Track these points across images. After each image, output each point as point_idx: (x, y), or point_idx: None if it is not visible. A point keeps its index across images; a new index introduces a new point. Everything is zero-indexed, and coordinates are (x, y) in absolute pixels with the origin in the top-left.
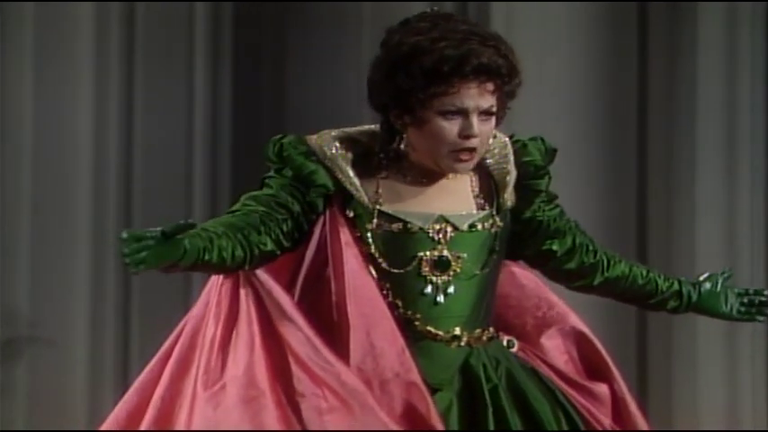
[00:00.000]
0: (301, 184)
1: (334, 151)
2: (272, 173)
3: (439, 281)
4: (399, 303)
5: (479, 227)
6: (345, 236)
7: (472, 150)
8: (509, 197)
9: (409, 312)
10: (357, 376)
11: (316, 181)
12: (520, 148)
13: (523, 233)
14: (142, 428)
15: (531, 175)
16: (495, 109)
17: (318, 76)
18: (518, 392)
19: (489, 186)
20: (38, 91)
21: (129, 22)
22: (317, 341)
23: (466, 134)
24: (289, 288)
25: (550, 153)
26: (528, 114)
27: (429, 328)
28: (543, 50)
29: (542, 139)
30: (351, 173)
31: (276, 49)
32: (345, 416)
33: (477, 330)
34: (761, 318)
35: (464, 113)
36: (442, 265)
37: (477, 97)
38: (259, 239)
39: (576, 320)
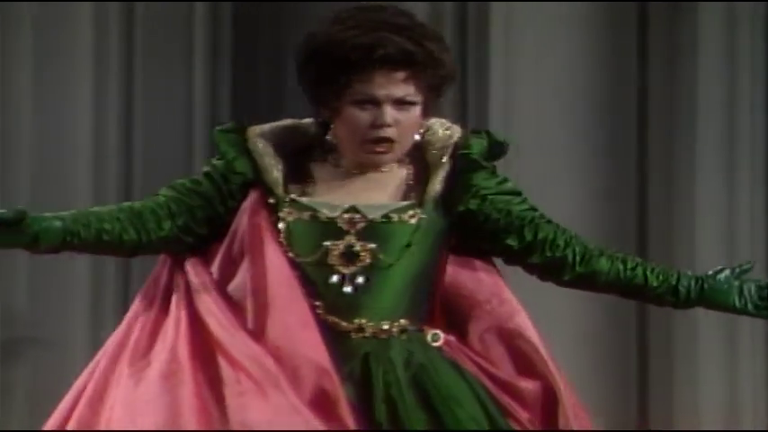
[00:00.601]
0: (225, 170)
1: (262, 140)
2: (212, 159)
3: (347, 271)
4: (305, 292)
5: (395, 218)
6: (265, 222)
7: (388, 141)
8: (432, 189)
9: (312, 301)
10: (272, 359)
11: (235, 168)
12: (462, 140)
13: (465, 227)
14: (76, 414)
15: (465, 169)
16: (413, 99)
17: None
18: (425, 387)
19: (425, 178)
20: (37, 91)
21: (128, 22)
22: (235, 324)
23: (378, 123)
24: (214, 273)
25: (494, 147)
26: (526, 114)
27: (332, 317)
28: (542, 50)
29: (488, 133)
30: (269, 161)
31: (275, 49)
32: (259, 397)
33: (386, 322)
34: None
35: (376, 102)
36: (349, 255)
37: (389, 86)
38: (157, 225)
39: (521, 319)
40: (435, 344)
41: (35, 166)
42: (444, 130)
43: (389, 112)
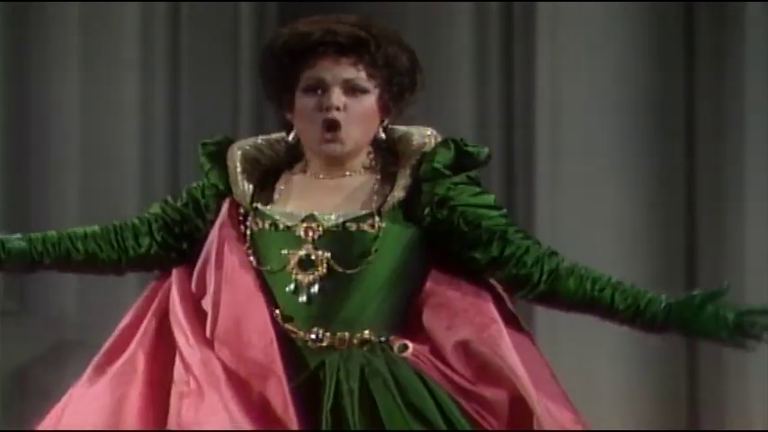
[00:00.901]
0: (202, 183)
1: (240, 152)
2: None
3: (304, 280)
4: (265, 300)
5: (352, 227)
6: (230, 232)
7: (336, 127)
8: (393, 197)
9: (272, 309)
10: (221, 363)
11: (210, 179)
12: (432, 148)
13: (435, 236)
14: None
15: (426, 177)
16: (364, 85)
17: None
18: (380, 398)
19: (390, 186)
20: (83, 91)
21: (173, 22)
22: (197, 331)
23: (325, 105)
24: (192, 283)
25: (463, 158)
26: (572, 115)
27: (289, 325)
28: (589, 50)
29: (456, 143)
30: (241, 173)
31: None
32: (198, 399)
33: (344, 333)
34: (752, 343)
35: (324, 86)
36: (306, 263)
37: (335, 68)
38: (135, 242)
39: (495, 330)
40: (402, 354)
41: (82, 168)
42: (422, 138)
43: (336, 93)
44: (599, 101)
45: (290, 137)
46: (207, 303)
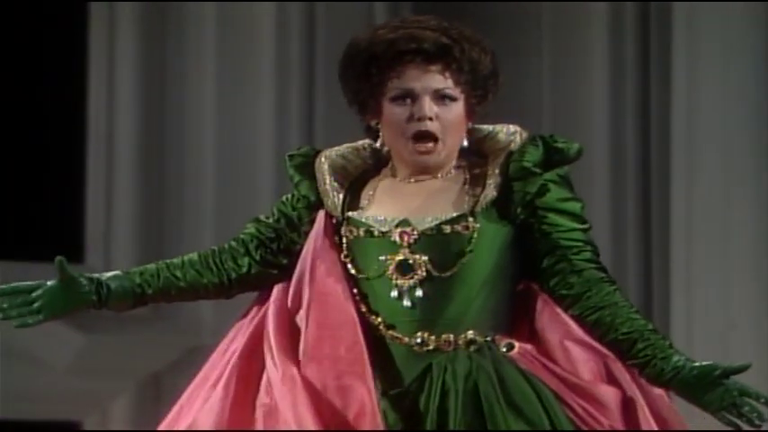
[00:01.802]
0: (293, 195)
1: (327, 162)
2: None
3: (405, 285)
4: (364, 308)
5: (446, 229)
6: (325, 243)
7: (431, 137)
8: (485, 196)
9: (372, 317)
10: (308, 378)
11: (300, 191)
12: (519, 147)
13: (524, 234)
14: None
15: (515, 176)
16: (452, 93)
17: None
18: (485, 398)
19: (481, 185)
20: (219, 91)
21: (309, 23)
22: (278, 346)
23: (417, 116)
24: (289, 298)
25: (553, 154)
26: (710, 117)
27: (392, 332)
28: (726, 51)
29: (544, 140)
30: (330, 183)
31: None
32: (274, 418)
33: (449, 335)
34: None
35: (413, 96)
36: (404, 268)
37: (424, 77)
38: (235, 264)
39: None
40: (509, 353)
41: (218, 171)
42: (508, 135)
43: (428, 103)
44: (737, 103)
45: (378, 143)
46: (300, 316)
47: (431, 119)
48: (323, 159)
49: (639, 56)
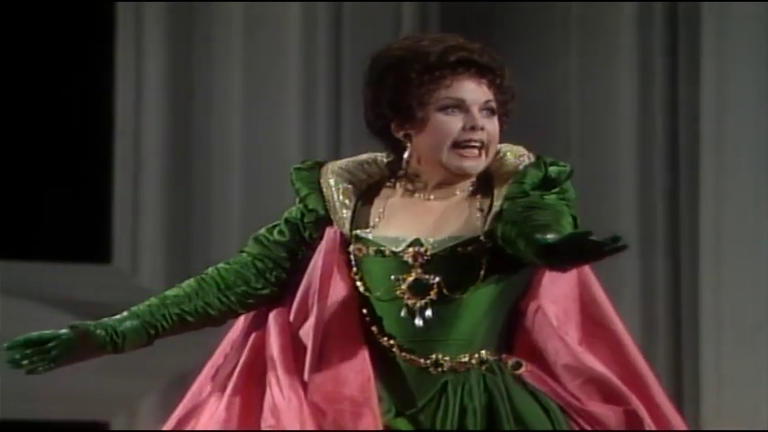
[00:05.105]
0: (301, 209)
1: (334, 176)
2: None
3: (416, 305)
4: (375, 329)
5: (459, 251)
6: (332, 259)
7: (479, 147)
8: (491, 220)
9: (385, 339)
10: (314, 401)
11: (308, 205)
12: (523, 169)
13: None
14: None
15: (512, 197)
16: (494, 106)
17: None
18: (498, 414)
19: (489, 206)
20: (246, 92)
21: (335, 22)
22: (284, 367)
23: (471, 126)
24: (292, 313)
25: (549, 181)
26: (739, 116)
27: (406, 354)
28: (755, 50)
29: (548, 164)
30: (338, 198)
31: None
32: None
33: (464, 355)
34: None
35: (463, 107)
36: (417, 288)
37: (474, 89)
38: (248, 287)
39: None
40: (517, 372)
41: (246, 167)
42: (516, 158)
43: (478, 114)
44: (765, 102)
45: (406, 154)
46: (305, 334)
47: (482, 129)
48: (329, 174)
49: (668, 56)
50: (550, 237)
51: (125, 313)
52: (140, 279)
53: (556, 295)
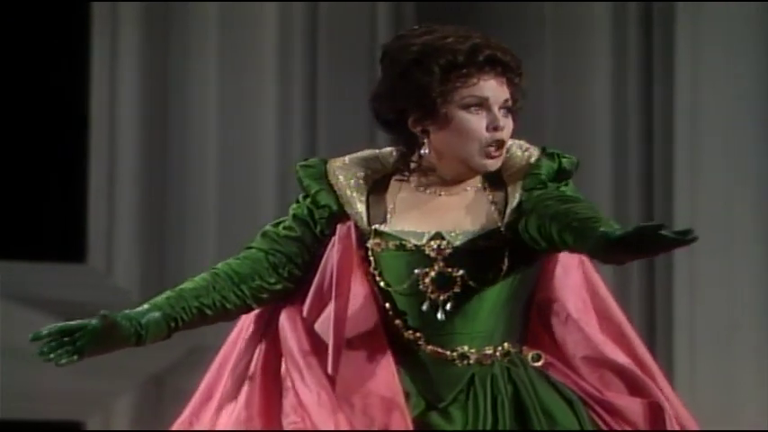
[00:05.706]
0: (311, 206)
1: (343, 172)
2: (299, 198)
3: (439, 298)
4: (399, 323)
5: (481, 243)
6: (354, 255)
7: (501, 145)
8: (513, 211)
9: (410, 332)
10: (340, 397)
11: (319, 202)
12: (535, 161)
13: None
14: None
15: (532, 188)
16: (511, 104)
17: None
18: (524, 404)
19: (504, 199)
20: (223, 90)
21: (311, 23)
22: (307, 364)
23: (494, 126)
24: (305, 308)
25: (563, 172)
26: (713, 118)
27: (432, 347)
28: (730, 52)
29: (560, 156)
30: (351, 193)
31: None
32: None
33: (488, 348)
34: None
35: (486, 106)
36: (440, 281)
37: (497, 88)
38: (263, 281)
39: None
40: (536, 364)
41: (221, 167)
42: (523, 151)
43: (500, 114)
44: (740, 103)
45: (424, 150)
46: (323, 331)
47: (503, 128)
48: (335, 170)
49: (642, 55)
50: (618, 230)
51: (145, 306)
52: (115, 279)
53: (571, 287)
